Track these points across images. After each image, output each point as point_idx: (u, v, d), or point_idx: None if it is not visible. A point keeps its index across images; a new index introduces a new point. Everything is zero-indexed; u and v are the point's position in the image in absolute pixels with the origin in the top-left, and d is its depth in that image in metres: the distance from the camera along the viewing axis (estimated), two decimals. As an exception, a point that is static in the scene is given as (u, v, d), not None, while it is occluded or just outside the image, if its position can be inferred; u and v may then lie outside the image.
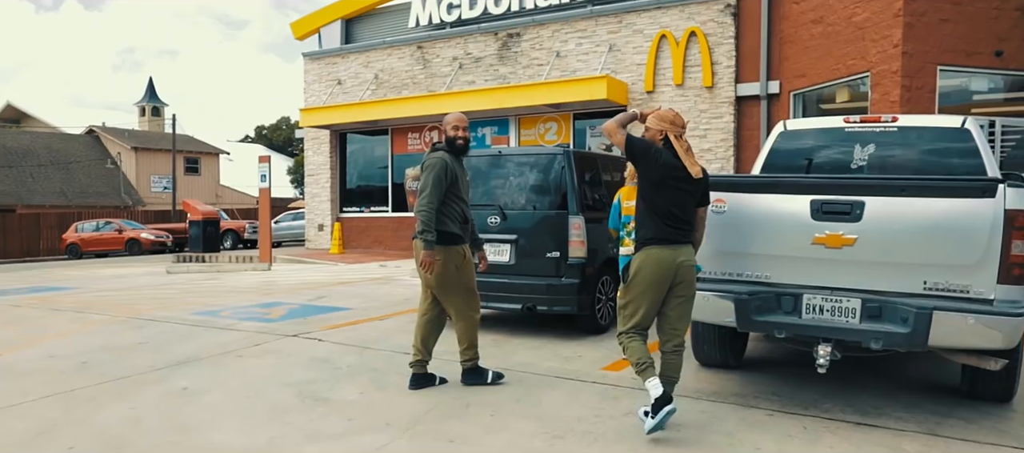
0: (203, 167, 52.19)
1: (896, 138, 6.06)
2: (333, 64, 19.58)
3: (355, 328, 7.40)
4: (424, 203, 4.82)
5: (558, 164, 6.80)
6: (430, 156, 4.99)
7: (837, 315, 4.42)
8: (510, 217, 6.88)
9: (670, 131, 4.19)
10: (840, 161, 6.27)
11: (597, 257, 6.78)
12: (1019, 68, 11.56)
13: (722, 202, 4.70)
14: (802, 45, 13.22)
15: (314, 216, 20.30)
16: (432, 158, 4.96)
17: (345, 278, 12.80)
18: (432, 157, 4.97)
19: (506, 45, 16.73)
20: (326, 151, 19.84)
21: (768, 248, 4.60)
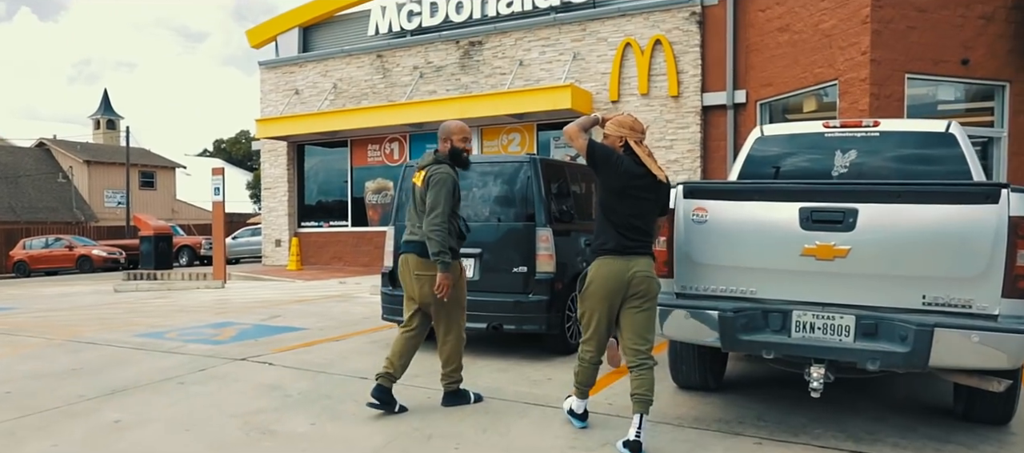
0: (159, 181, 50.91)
1: (878, 143, 5.79)
2: (290, 73, 19.02)
3: (309, 350, 6.91)
4: (438, 222, 4.53)
5: (524, 173, 6.41)
6: (437, 170, 4.63)
7: (829, 333, 4.08)
8: (473, 230, 6.44)
9: (630, 137, 4.07)
10: (820, 168, 5.98)
11: (566, 272, 6.40)
12: (985, 77, 11.51)
13: (703, 211, 4.35)
14: (768, 53, 13.06)
15: (271, 231, 19.66)
16: (440, 173, 4.62)
17: (302, 296, 12.25)
18: (440, 171, 4.63)
19: (468, 54, 16.35)
20: (283, 163, 19.23)
21: (754, 260, 4.25)
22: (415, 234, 4.73)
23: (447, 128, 4.81)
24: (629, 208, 4.02)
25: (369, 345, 7.12)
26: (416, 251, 4.70)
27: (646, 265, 4.06)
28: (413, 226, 4.77)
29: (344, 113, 17.16)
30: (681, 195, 4.44)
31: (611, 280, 4.01)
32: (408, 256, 4.75)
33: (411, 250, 4.74)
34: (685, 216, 4.40)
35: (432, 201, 4.55)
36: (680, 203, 4.43)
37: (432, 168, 4.66)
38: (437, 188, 4.56)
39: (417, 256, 4.69)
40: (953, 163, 5.51)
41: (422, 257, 4.65)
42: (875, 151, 5.80)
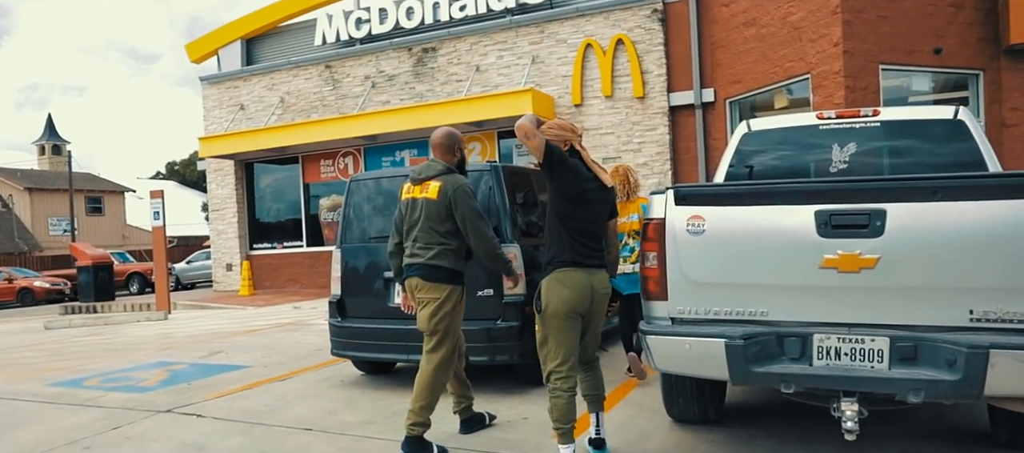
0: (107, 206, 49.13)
1: (879, 134, 5.17)
2: (234, 88, 18.04)
3: (248, 394, 6.06)
4: (488, 233, 4.32)
5: (486, 183, 5.66)
6: (458, 184, 4.27)
7: (859, 360, 3.40)
8: (431, 249, 5.71)
9: (574, 140, 3.90)
10: (817, 164, 5.36)
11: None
12: (958, 65, 11.12)
13: (699, 219, 3.65)
14: (735, 49, 12.52)
15: (221, 255, 18.62)
16: (463, 186, 4.28)
17: (252, 325, 11.33)
18: (462, 185, 4.28)
19: (421, 61, 15.58)
20: (231, 183, 18.22)
21: (763, 276, 3.56)
22: (417, 255, 4.30)
23: (453, 135, 4.43)
24: (587, 214, 3.79)
25: (317, 385, 6.30)
26: (420, 274, 4.27)
27: (604, 279, 3.88)
28: (414, 246, 4.32)
29: (293, 128, 16.25)
30: (672, 201, 3.74)
31: (575, 293, 3.72)
32: (411, 280, 4.32)
33: (415, 273, 4.30)
34: (678, 226, 3.70)
35: (468, 220, 4.23)
36: (672, 211, 3.73)
37: (449, 179, 4.26)
38: (464, 203, 4.23)
39: (421, 278, 4.27)
40: (965, 154, 4.91)
41: (427, 279, 4.25)
42: (876, 143, 5.19)
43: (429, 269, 4.24)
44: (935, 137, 5.06)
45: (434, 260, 4.23)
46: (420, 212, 4.29)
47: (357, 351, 5.99)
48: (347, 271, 6.12)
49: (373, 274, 5.94)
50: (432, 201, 4.24)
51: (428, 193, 4.27)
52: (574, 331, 3.80)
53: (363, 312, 6.00)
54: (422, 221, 4.27)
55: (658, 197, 3.80)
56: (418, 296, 4.30)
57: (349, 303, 6.09)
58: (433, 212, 4.24)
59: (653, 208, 3.81)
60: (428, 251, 4.25)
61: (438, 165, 4.34)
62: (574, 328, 3.79)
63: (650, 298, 3.84)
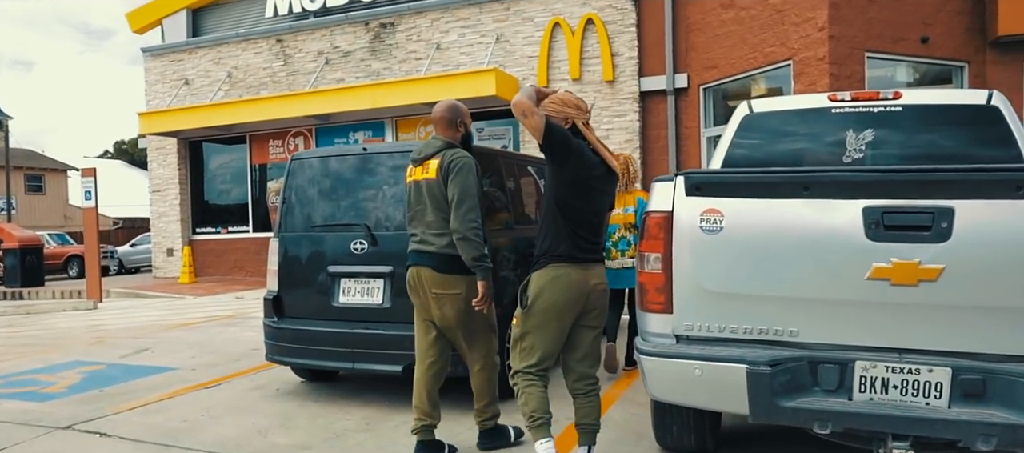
0: (49, 186, 46.94)
1: (901, 120, 4.52)
2: (179, 61, 16.89)
3: (167, 406, 5.22)
4: (472, 217, 3.68)
5: (448, 166, 4.89)
6: (456, 155, 3.77)
7: (912, 394, 2.75)
8: (382, 241, 4.93)
9: (577, 118, 3.42)
10: (830, 154, 4.70)
11: (506, 291, 4.92)
12: (944, 56, 10.64)
13: (716, 213, 2.94)
14: (711, 33, 11.89)
15: (162, 239, 17.49)
16: (461, 157, 3.77)
17: (188, 317, 10.39)
18: (459, 156, 3.77)
19: (379, 37, 14.66)
20: (174, 163, 17.09)
21: (795, 287, 2.87)
22: (428, 242, 3.81)
23: (455, 109, 3.93)
24: (588, 203, 3.32)
25: (249, 394, 5.48)
26: (432, 264, 3.78)
27: (602, 275, 3.43)
28: (425, 232, 3.83)
29: (241, 104, 15.19)
30: (682, 191, 3.02)
31: (569, 293, 3.27)
32: (420, 270, 3.82)
33: (425, 262, 3.81)
34: (689, 222, 2.99)
35: (459, 192, 3.68)
36: (681, 203, 3.01)
37: (448, 153, 3.78)
38: (462, 175, 3.70)
39: (434, 270, 3.77)
40: (1000, 144, 4.29)
41: (441, 271, 3.75)
42: (898, 130, 4.54)
43: (443, 259, 3.74)
44: (966, 125, 4.42)
45: (449, 248, 3.72)
46: (424, 195, 3.81)
47: (296, 357, 5.19)
48: (286, 264, 5.31)
49: (317, 268, 5.13)
50: (433, 182, 3.76)
51: (429, 173, 3.79)
52: (559, 334, 3.35)
53: (304, 312, 5.20)
54: (429, 205, 3.79)
55: (663, 186, 3.08)
56: (433, 291, 3.79)
57: (288, 301, 5.28)
58: (437, 193, 3.75)
59: (656, 199, 3.09)
60: (441, 238, 3.75)
61: (437, 142, 3.86)
62: (560, 331, 3.34)
63: (648, 309, 3.13)
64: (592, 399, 3.46)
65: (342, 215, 5.10)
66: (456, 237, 3.67)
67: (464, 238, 3.65)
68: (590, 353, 3.47)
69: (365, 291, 4.95)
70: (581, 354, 3.44)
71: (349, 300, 4.98)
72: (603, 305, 3.44)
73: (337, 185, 5.17)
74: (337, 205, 5.14)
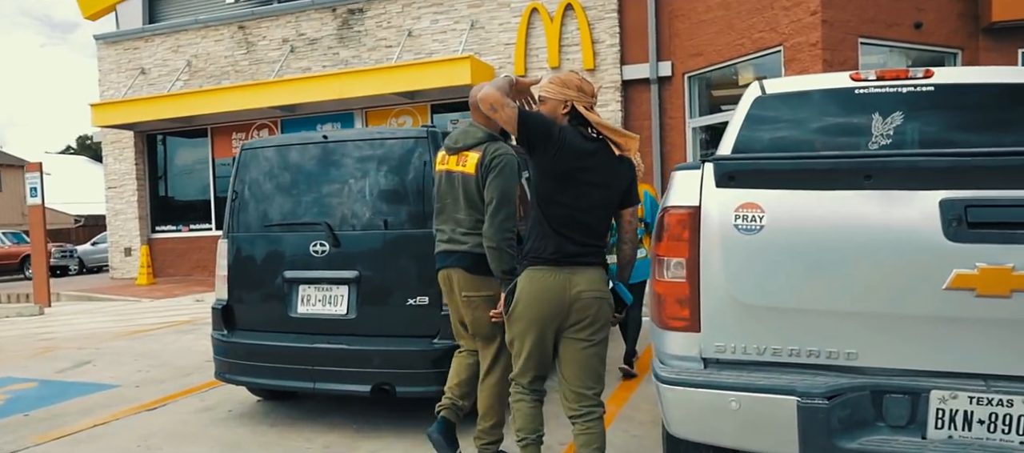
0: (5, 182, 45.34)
1: (934, 101, 4.00)
2: (134, 49, 16.02)
3: (99, 434, 4.56)
4: (509, 226, 3.27)
5: (419, 156, 4.29)
6: (499, 151, 3.34)
7: (1001, 431, 2.23)
8: (347, 242, 4.32)
9: (578, 101, 2.97)
10: (852, 139, 4.18)
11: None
12: (937, 43, 10.23)
13: (755, 209, 2.38)
14: (697, 18, 11.37)
15: (119, 238, 16.63)
16: (504, 155, 3.34)
17: (141, 323, 9.67)
18: (502, 152, 3.35)
19: (347, 23, 13.96)
20: (131, 157, 16.23)
21: (854, 299, 2.33)
22: (458, 241, 3.47)
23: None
24: (574, 199, 2.89)
25: (197, 418, 4.84)
26: (464, 264, 3.46)
27: (593, 280, 2.93)
28: (455, 230, 3.48)
29: (201, 95, 14.42)
30: (709, 181, 2.46)
31: (543, 301, 2.91)
32: (450, 272, 3.51)
33: (456, 263, 3.48)
34: (721, 220, 2.42)
35: (498, 196, 3.27)
36: (711, 196, 2.45)
37: (490, 148, 3.36)
38: (504, 177, 3.30)
39: (466, 272, 3.45)
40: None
41: (473, 273, 3.43)
42: (931, 112, 4.02)
43: (476, 260, 3.39)
44: (1007, 105, 3.92)
45: (479, 248, 3.36)
46: (458, 189, 3.45)
47: (248, 376, 4.54)
48: (237, 268, 4.67)
49: (272, 273, 4.51)
50: (469, 178, 3.39)
51: (465, 167, 3.42)
52: (539, 345, 3.01)
53: (257, 323, 4.57)
54: (461, 201, 3.44)
55: (686, 176, 2.51)
56: (463, 294, 3.48)
57: (239, 311, 4.64)
58: (473, 191, 3.39)
59: (678, 192, 2.53)
60: (472, 237, 3.41)
61: (478, 131, 3.43)
62: (539, 342, 2.99)
63: (669, 327, 2.56)
64: (591, 424, 2.99)
65: (300, 212, 4.47)
66: (487, 245, 3.27)
67: (497, 248, 3.25)
68: (583, 370, 2.99)
69: (327, 300, 4.34)
70: (571, 371, 3.00)
71: (309, 310, 4.37)
72: (594, 315, 2.94)
73: (295, 178, 4.55)
74: (295, 201, 4.51)
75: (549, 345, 3.02)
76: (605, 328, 3.03)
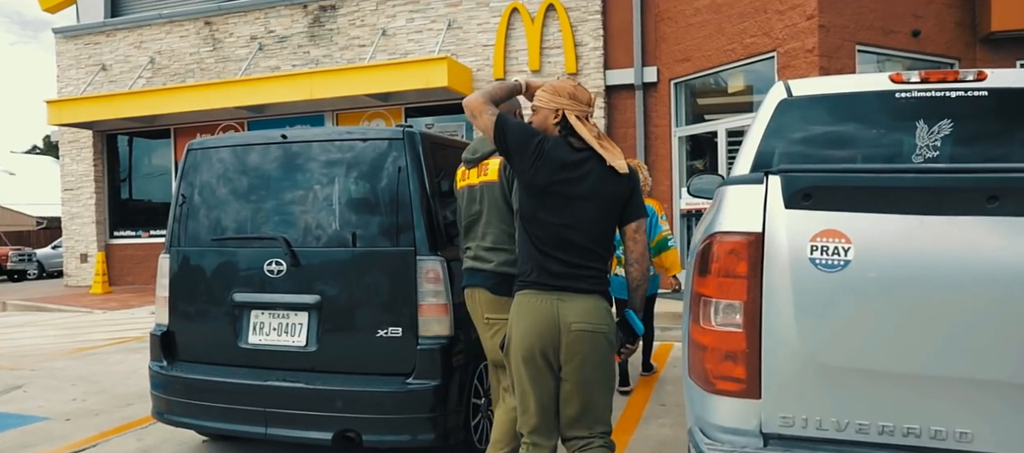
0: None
1: (988, 108, 3.49)
2: (95, 44, 15.20)
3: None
4: None
5: (393, 161, 3.69)
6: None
7: None
8: (307, 260, 3.71)
9: (570, 109, 2.69)
10: (891, 149, 3.66)
11: (472, 330, 3.76)
12: (934, 52, 9.84)
13: (839, 236, 1.81)
14: (685, 22, 10.88)
15: (75, 243, 15.76)
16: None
17: (88, 339, 8.92)
18: None
19: (318, 21, 13.29)
20: (89, 157, 15.39)
21: (970, 361, 1.76)
22: (483, 258, 3.18)
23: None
24: (559, 215, 2.62)
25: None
26: (487, 284, 3.17)
27: (585, 311, 2.57)
28: (479, 246, 3.21)
29: (164, 93, 13.66)
30: (776, 200, 1.88)
31: (533, 330, 2.58)
32: (475, 291, 3.23)
33: (478, 282, 3.20)
34: (791, 253, 1.85)
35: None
36: (777, 220, 1.87)
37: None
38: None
39: (488, 292, 3.17)
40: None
41: (496, 293, 3.14)
42: (984, 120, 3.51)
43: (499, 279, 3.11)
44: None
45: (505, 267, 3.09)
46: (482, 202, 3.19)
47: (189, 417, 3.87)
48: (181, 288, 4.03)
49: (220, 295, 3.87)
50: (494, 185, 3.15)
51: (488, 175, 3.18)
52: (542, 382, 2.62)
53: (202, 355, 3.93)
54: (487, 213, 3.17)
55: (744, 191, 1.94)
56: (485, 316, 3.20)
57: (182, 339, 4.00)
58: (499, 198, 3.13)
59: (732, 211, 1.95)
60: (496, 254, 3.13)
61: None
62: (540, 378, 2.62)
63: (715, 389, 1.99)
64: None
65: (254, 225, 3.85)
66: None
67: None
68: (581, 410, 2.63)
69: (283, 328, 3.71)
70: (566, 412, 2.66)
71: (262, 340, 3.74)
72: (587, 352, 2.57)
73: (249, 185, 3.93)
74: (248, 211, 3.89)
75: (550, 384, 2.63)
76: (602, 366, 2.62)
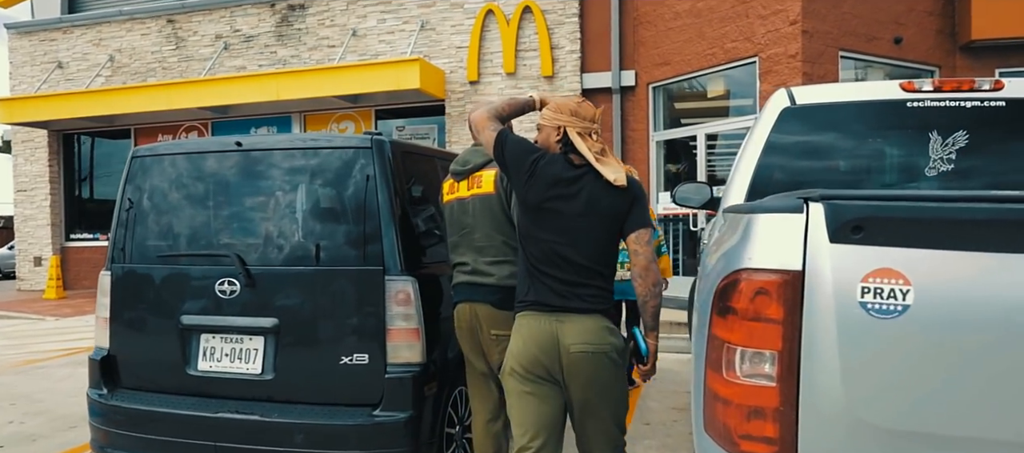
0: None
1: (1005, 119, 3.25)
2: (51, 40, 14.60)
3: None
4: None
5: (361, 170, 3.34)
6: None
7: None
8: (263, 279, 3.34)
9: (572, 126, 2.62)
10: (900, 161, 3.40)
11: (447, 357, 3.42)
12: (915, 60, 9.71)
13: (896, 277, 1.50)
14: (664, 25, 10.64)
15: (28, 246, 15.12)
16: None
17: (34, 350, 8.42)
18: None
19: (286, 20, 12.86)
20: (44, 158, 14.78)
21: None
22: (483, 272, 3.07)
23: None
24: (553, 232, 2.57)
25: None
26: (492, 300, 3.05)
27: (584, 331, 2.50)
28: (477, 260, 3.09)
29: (124, 92, 13.11)
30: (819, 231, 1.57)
31: (532, 352, 2.54)
32: (476, 307, 3.09)
33: (480, 298, 3.07)
34: (838, 294, 1.54)
35: None
36: (821, 255, 1.56)
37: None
38: None
39: (494, 307, 3.05)
40: None
41: (502, 308, 3.00)
42: (1003, 132, 3.26)
43: (505, 293, 2.99)
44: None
45: (511, 279, 2.99)
46: (474, 215, 3.10)
47: (132, 451, 3.49)
48: (123, 309, 3.64)
49: (167, 317, 3.49)
50: (490, 197, 3.07)
51: (481, 187, 3.11)
52: (540, 403, 2.59)
53: (147, 382, 3.55)
54: (481, 227, 3.08)
55: (777, 220, 1.63)
56: (492, 332, 3.08)
57: (125, 365, 3.61)
58: (497, 211, 3.05)
59: (764, 243, 1.64)
60: (499, 267, 3.04)
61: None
62: (538, 399, 2.59)
63: (738, 449, 1.68)
64: None
65: (205, 240, 3.47)
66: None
67: None
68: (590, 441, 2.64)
69: (237, 354, 3.35)
70: (579, 442, 2.68)
71: (213, 367, 3.37)
72: (590, 376, 2.51)
73: (199, 197, 3.55)
74: (198, 226, 3.51)
75: (553, 411, 2.60)
76: (609, 389, 2.56)
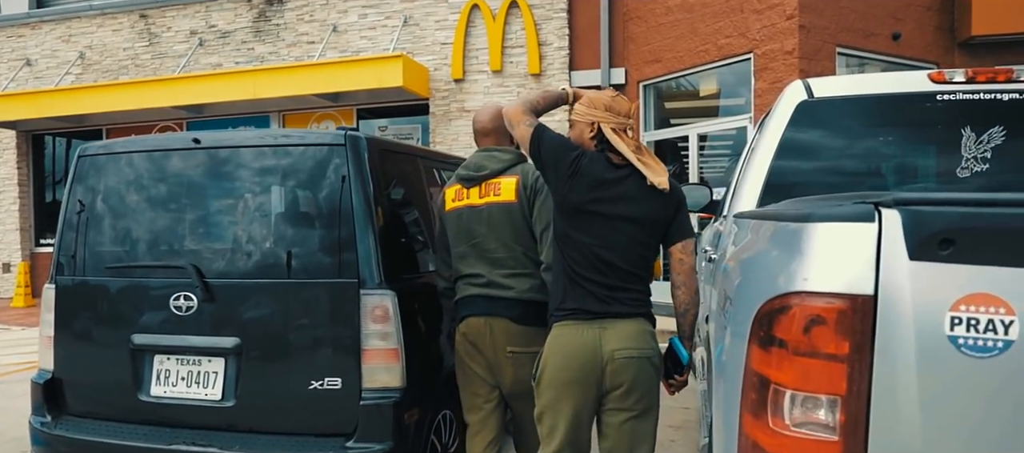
0: None
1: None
2: (19, 37, 14.12)
3: None
4: None
5: (335, 170, 2.99)
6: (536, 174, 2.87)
7: None
8: (223, 294, 2.99)
9: (606, 121, 2.55)
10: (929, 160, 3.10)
11: (432, 381, 3.08)
12: (913, 56, 9.47)
13: (996, 304, 1.17)
14: (655, 21, 10.34)
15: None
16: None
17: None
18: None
19: (264, 15, 12.46)
20: (12, 159, 14.29)
21: None
22: (501, 285, 2.84)
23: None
24: (596, 236, 2.47)
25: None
26: (511, 314, 2.82)
27: (628, 336, 2.45)
28: (493, 272, 2.86)
29: (95, 91, 12.67)
30: (895, 245, 1.24)
31: (573, 363, 2.46)
32: (492, 321, 2.84)
33: (502, 312, 2.83)
34: (920, 325, 1.21)
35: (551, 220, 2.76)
36: (898, 276, 1.23)
37: (529, 170, 2.90)
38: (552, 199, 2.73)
39: (513, 322, 2.82)
40: None
41: (523, 323, 2.81)
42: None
43: (525, 308, 2.84)
44: None
45: (532, 293, 2.84)
46: (489, 225, 2.89)
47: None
48: (69, 327, 3.27)
49: (117, 336, 3.13)
50: (511, 206, 2.86)
51: (500, 195, 2.90)
52: (575, 418, 2.49)
53: (95, 408, 3.19)
54: (499, 237, 2.88)
55: (840, 232, 1.29)
56: (508, 349, 2.87)
57: (70, 390, 3.25)
58: (518, 220, 2.87)
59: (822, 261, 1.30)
60: (520, 280, 2.86)
61: (505, 155, 2.95)
62: (574, 414, 2.49)
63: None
64: None
65: (158, 250, 3.11)
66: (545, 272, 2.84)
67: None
68: (626, 449, 2.53)
69: (194, 378, 2.99)
70: (608, 446, 2.55)
71: (167, 392, 3.01)
72: (633, 380, 2.45)
73: (153, 201, 3.19)
74: (152, 234, 3.15)
75: (586, 422, 2.54)
76: (650, 395, 2.50)
